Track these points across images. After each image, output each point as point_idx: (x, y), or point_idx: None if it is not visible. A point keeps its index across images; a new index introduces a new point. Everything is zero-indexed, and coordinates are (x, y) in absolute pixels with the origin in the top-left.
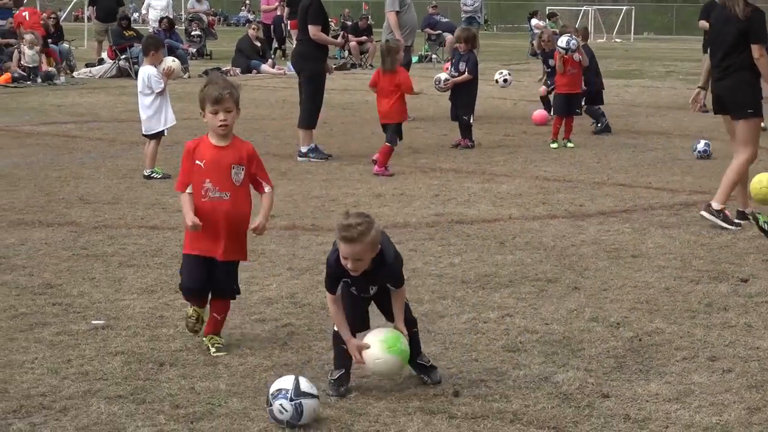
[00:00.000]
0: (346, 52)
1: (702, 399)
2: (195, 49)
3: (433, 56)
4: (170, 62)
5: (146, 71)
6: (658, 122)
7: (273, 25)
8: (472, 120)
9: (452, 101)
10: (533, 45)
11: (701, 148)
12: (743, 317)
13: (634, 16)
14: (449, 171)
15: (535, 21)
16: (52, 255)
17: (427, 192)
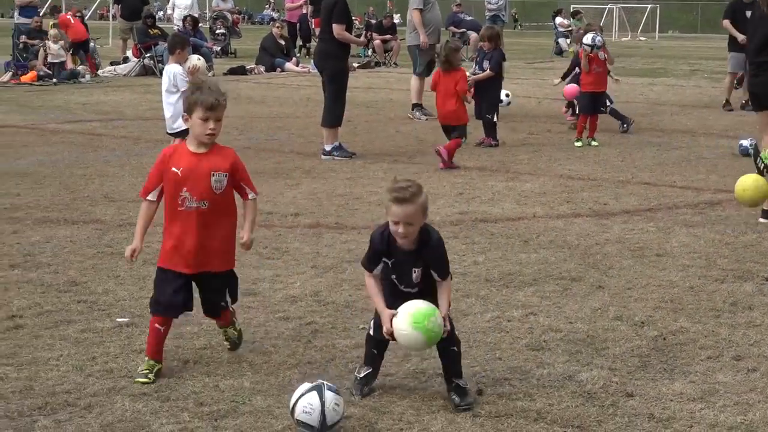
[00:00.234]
0: (370, 51)
1: (726, 398)
2: (219, 48)
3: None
4: (195, 60)
5: (172, 69)
6: (683, 121)
7: (299, 23)
8: (496, 118)
9: (476, 100)
10: (558, 43)
11: (746, 144)
12: None
13: (659, 14)
14: (473, 169)
15: (559, 19)
16: (77, 253)
17: (452, 190)
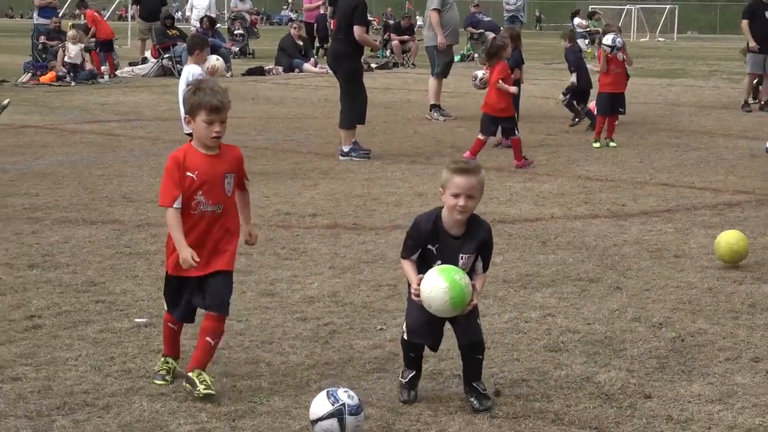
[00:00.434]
0: (389, 51)
1: (745, 400)
2: (238, 48)
3: (475, 55)
4: (214, 61)
5: (190, 70)
6: (702, 122)
7: (316, 24)
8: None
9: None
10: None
11: None
12: None
13: (678, 14)
14: (491, 170)
15: (577, 20)
16: (95, 253)
17: None
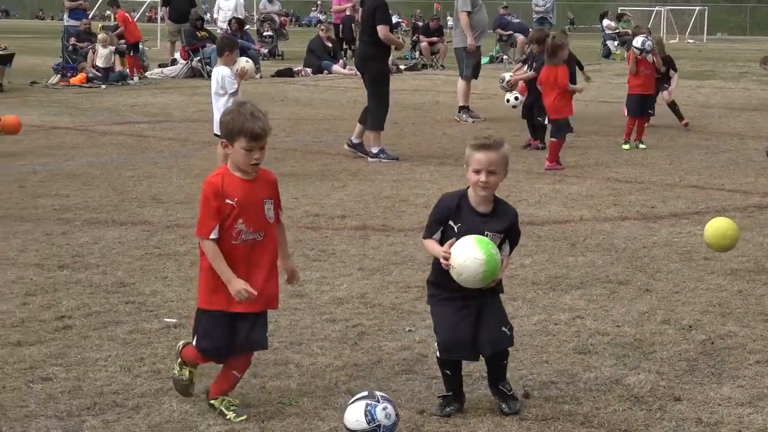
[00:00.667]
0: (417, 53)
1: None
2: (267, 50)
3: (504, 57)
4: (244, 63)
5: (220, 72)
6: (731, 123)
7: (342, 25)
8: (546, 121)
9: (528, 101)
10: (606, 45)
11: None
12: None
13: (708, 16)
14: (520, 172)
15: (606, 21)
16: (125, 254)
17: (498, 192)
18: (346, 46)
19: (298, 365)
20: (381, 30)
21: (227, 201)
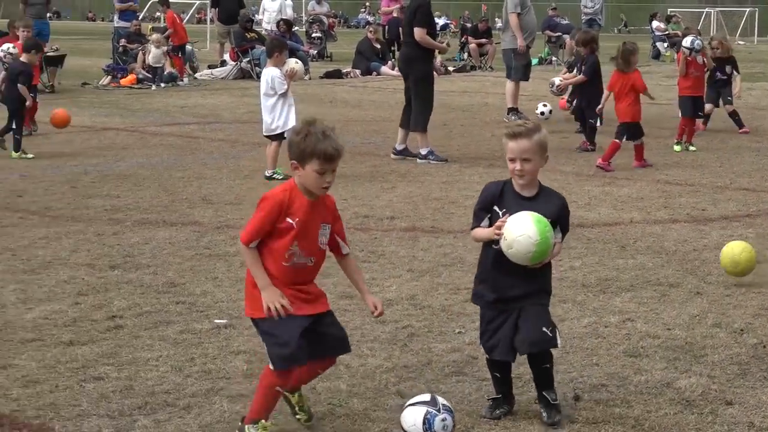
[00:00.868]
0: (466, 54)
1: None
2: (316, 51)
3: (553, 59)
4: (293, 64)
5: (270, 73)
6: None
7: (387, 27)
8: (598, 123)
9: (579, 103)
10: (656, 47)
11: None
12: None
13: (758, 17)
14: (570, 174)
15: (656, 23)
16: (175, 254)
17: None
18: (394, 47)
19: (348, 366)
20: (417, 32)
21: (288, 220)
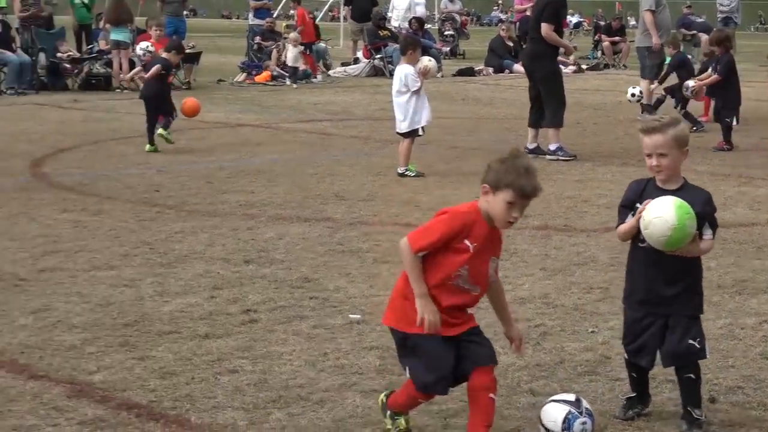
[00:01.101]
0: (599, 52)
1: None
2: (448, 49)
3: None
4: (426, 62)
5: (403, 70)
6: None
7: (520, 24)
8: (734, 122)
9: (716, 103)
10: None
11: None
12: None
13: None
14: (704, 173)
15: None
16: (309, 250)
17: None
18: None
19: None
20: (543, 28)
21: (466, 242)
